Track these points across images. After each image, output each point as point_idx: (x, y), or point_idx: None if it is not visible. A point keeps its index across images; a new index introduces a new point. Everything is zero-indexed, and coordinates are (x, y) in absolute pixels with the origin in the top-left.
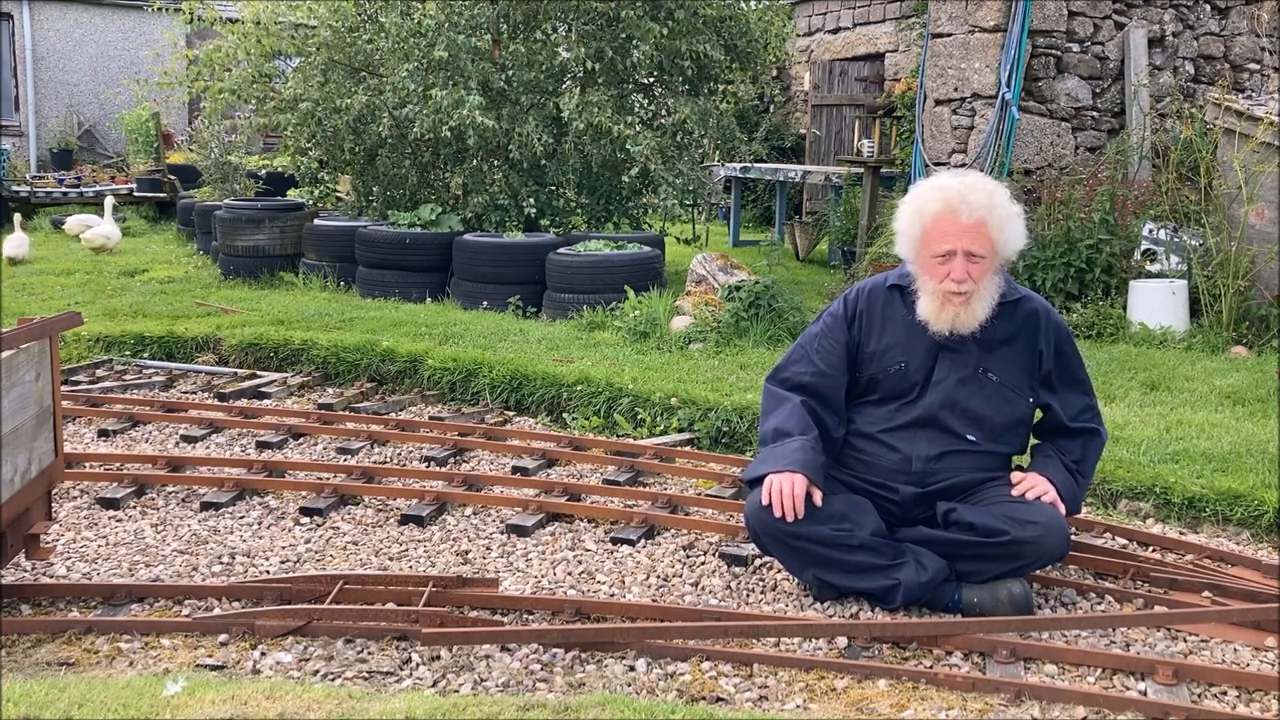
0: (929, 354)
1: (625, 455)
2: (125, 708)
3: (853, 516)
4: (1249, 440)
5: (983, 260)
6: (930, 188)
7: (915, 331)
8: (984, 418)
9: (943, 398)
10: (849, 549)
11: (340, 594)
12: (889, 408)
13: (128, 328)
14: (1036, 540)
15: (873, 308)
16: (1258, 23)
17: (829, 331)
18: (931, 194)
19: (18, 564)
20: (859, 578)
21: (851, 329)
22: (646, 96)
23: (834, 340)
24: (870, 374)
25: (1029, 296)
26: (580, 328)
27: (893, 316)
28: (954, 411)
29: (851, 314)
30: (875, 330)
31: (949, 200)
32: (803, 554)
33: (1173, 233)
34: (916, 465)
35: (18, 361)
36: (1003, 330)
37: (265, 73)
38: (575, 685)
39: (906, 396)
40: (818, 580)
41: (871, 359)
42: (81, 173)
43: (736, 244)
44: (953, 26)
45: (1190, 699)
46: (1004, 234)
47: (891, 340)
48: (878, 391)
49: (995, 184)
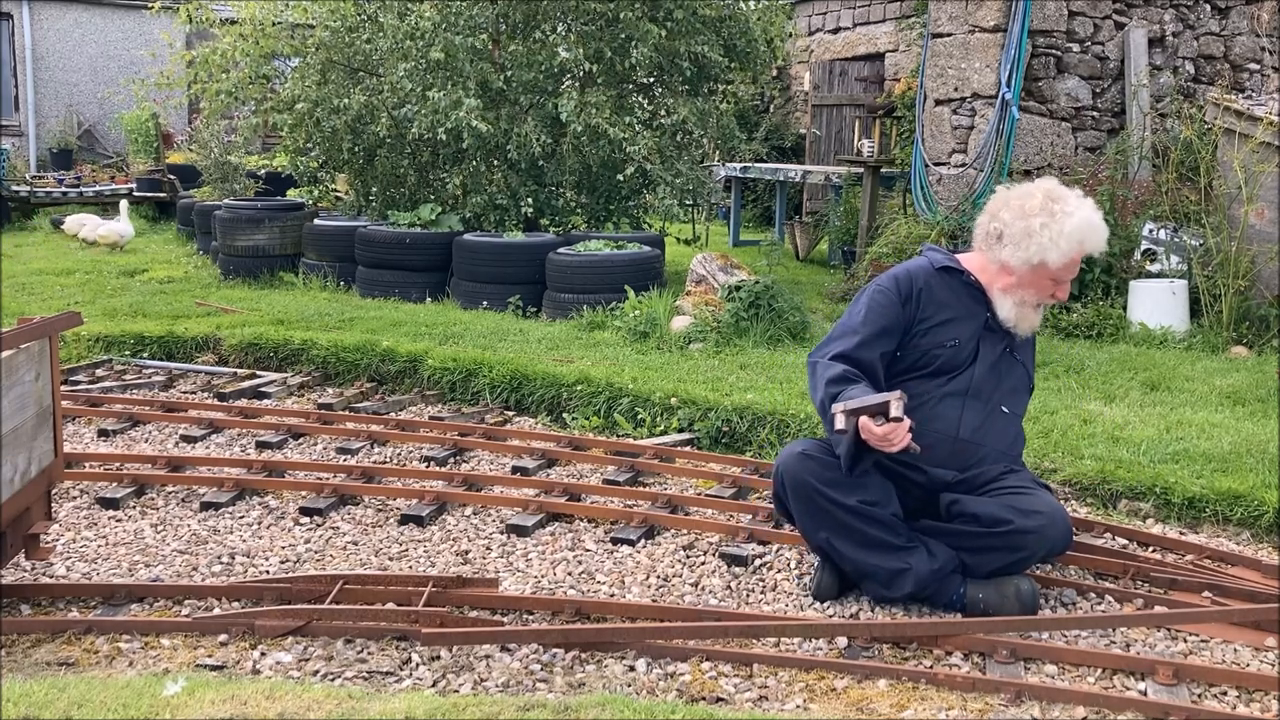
0: (975, 334)
1: (625, 455)
2: (125, 708)
3: (878, 495)
4: (1249, 440)
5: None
6: (1086, 220)
7: (966, 313)
8: (1014, 391)
9: (986, 372)
10: (869, 520)
11: (340, 594)
12: (939, 380)
13: (128, 328)
14: (1040, 530)
15: (930, 289)
16: (1258, 23)
17: (880, 307)
18: (1086, 228)
19: (18, 564)
20: (869, 552)
21: (906, 308)
22: (646, 97)
23: (886, 315)
24: (926, 349)
25: None
26: (580, 328)
27: (949, 298)
28: (995, 386)
29: (906, 293)
30: (934, 309)
31: (1095, 243)
32: (822, 515)
33: (1173, 233)
34: (965, 433)
35: (18, 361)
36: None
37: (263, 74)
38: (575, 685)
39: (957, 371)
40: (827, 545)
41: (925, 335)
42: (81, 173)
43: (736, 244)
44: (953, 26)
45: (1190, 699)
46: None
47: (949, 318)
48: (931, 366)
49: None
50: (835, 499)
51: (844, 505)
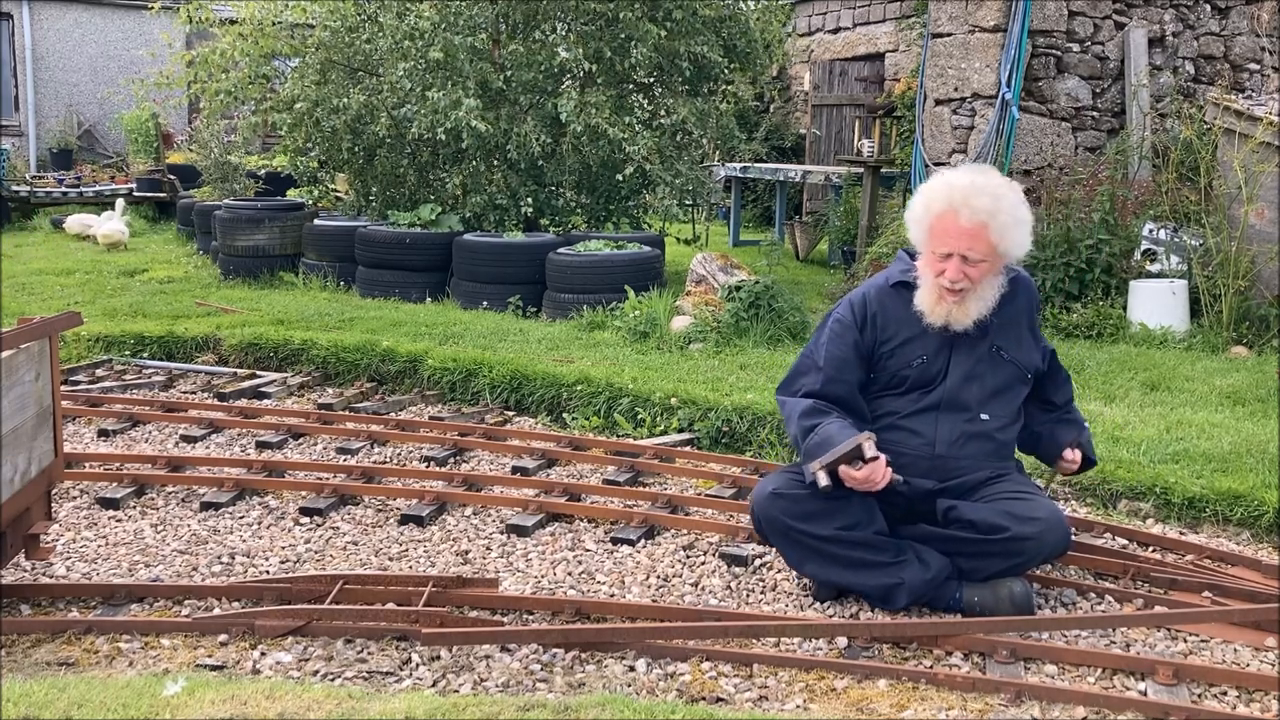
0: (944, 343)
1: (625, 455)
2: (125, 708)
3: (857, 515)
4: (1249, 440)
5: (981, 264)
6: (941, 183)
7: (926, 326)
8: (1000, 391)
9: (961, 380)
10: (851, 545)
11: (340, 594)
12: (911, 396)
13: (128, 328)
14: (1037, 536)
15: (885, 309)
16: (1258, 23)
17: (837, 338)
18: (940, 190)
19: (18, 564)
20: (858, 574)
21: (864, 332)
22: (645, 96)
23: (844, 345)
24: (894, 370)
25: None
26: (580, 328)
27: (904, 314)
28: (972, 391)
29: (861, 318)
30: (891, 330)
31: (953, 201)
32: (804, 548)
33: (1173, 233)
34: (940, 449)
35: (18, 361)
36: (1006, 306)
37: (263, 74)
38: (575, 685)
39: (930, 386)
40: (816, 575)
41: (891, 356)
42: (81, 173)
43: (736, 244)
44: (953, 26)
45: (1190, 699)
46: (1006, 239)
47: (908, 336)
48: (902, 386)
49: (1006, 187)
50: (813, 533)
51: (823, 536)
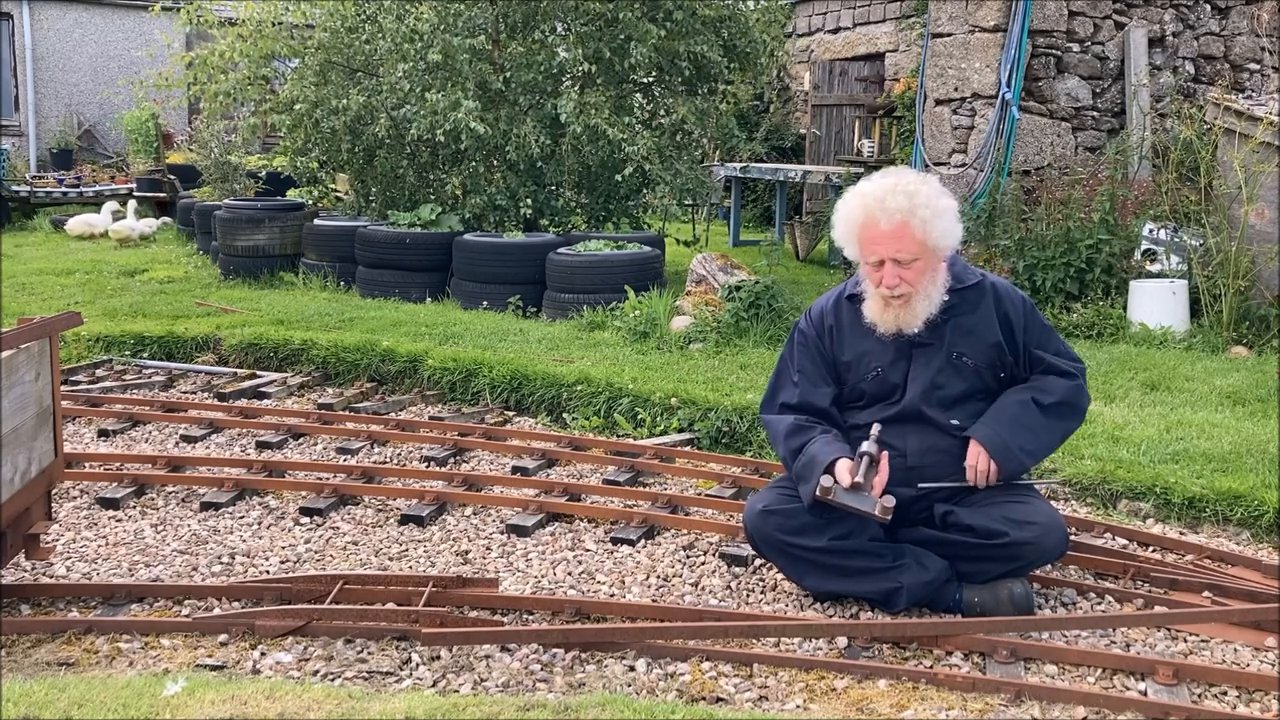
0: (901, 353)
1: (625, 455)
2: (125, 708)
3: (850, 524)
4: (1249, 440)
5: (914, 263)
6: (853, 195)
7: (878, 338)
8: (964, 397)
9: (922, 389)
10: (846, 554)
11: (340, 594)
12: (873, 410)
13: (128, 328)
14: (1036, 540)
15: (840, 321)
16: (1258, 23)
17: (803, 349)
18: (854, 202)
19: (18, 564)
20: (859, 581)
21: (824, 341)
22: (645, 97)
23: (811, 356)
24: (851, 384)
25: (985, 276)
26: (580, 328)
27: (859, 327)
28: (934, 400)
29: (819, 329)
30: (846, 343)
31: (868, 208)
32: (802, 561)
33: (1173, 233)
34: (913, 460)
35: (18, 361)
36: (968, 313)
37: (263, 75)
38: (575, 685)
39: (890, 398)
40: (818, 588)
41: (849, 369)
42: (81, 173)
43: (736, 244)
44: (953, 26)
45: (1190, 699)
46: (932, 232)
47: (862, 349)
48: (863, 399)
49: (919, 181)
50: (807, 545)
51: (817, 548)
